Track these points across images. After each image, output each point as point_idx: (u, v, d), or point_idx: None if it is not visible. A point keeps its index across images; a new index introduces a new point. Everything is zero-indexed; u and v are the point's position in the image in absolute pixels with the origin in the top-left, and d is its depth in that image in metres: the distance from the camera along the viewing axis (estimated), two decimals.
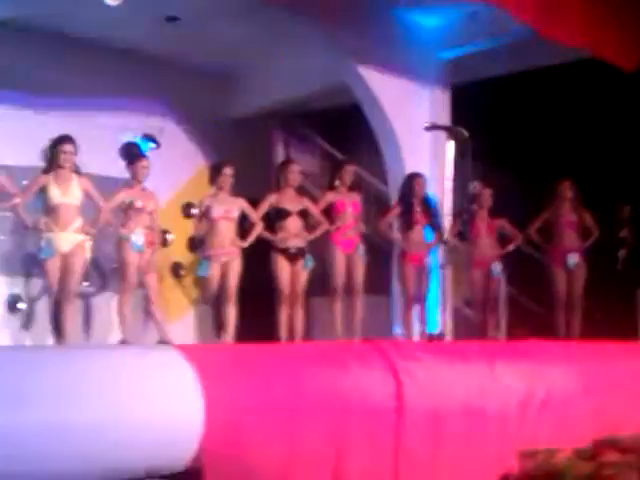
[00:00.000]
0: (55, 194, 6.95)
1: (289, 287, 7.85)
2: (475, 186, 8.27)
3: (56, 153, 7.00)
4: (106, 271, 8.51)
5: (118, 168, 7.71)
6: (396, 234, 8.42)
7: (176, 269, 9.17)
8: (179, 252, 9.21)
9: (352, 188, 8.20)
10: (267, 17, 8.13)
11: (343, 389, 5.87)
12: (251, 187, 8.01)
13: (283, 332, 7.82)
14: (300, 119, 10.14)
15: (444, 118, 9.10)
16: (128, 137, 8.53)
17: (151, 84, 8.82)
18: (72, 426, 5.07)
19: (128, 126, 8.78)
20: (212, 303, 7.88)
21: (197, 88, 9.18)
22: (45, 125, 7.93)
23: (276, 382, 5.75)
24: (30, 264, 7.88)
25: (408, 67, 9.06)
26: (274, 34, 8.57)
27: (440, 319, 7.91)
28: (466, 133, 7.07)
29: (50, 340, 7.07)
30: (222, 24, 8.28)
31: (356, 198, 8.19)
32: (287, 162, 8.50)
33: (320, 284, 8.17)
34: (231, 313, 7.67)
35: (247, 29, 8.46)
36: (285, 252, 7.84)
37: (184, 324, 8.87)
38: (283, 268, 7.82)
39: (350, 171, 8.20)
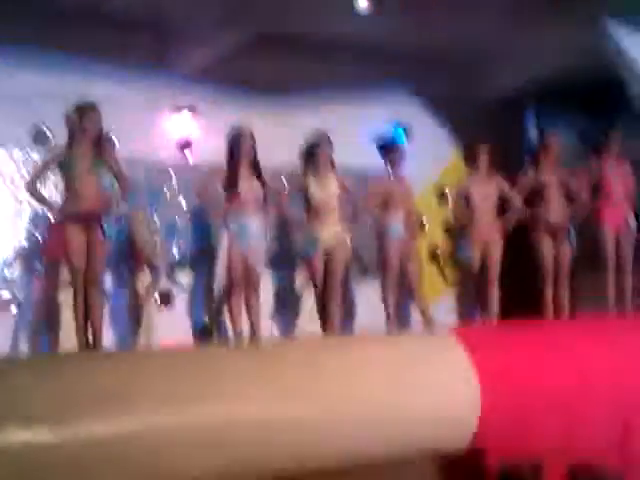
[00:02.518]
0: (315, 190, 7.36)
1: (553, 264, 7.94)
2: None
3: (314, 149, 7.38)
4: (367, 261, 8.89)
5: (373, 159, 8.12)
6: None
7: (434, 254, 9.41)
8: (436, 236, 9.44)
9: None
10: None
11: (622, 364, 5.90)
12: (507, 166, 8.11)
13: (548, 310, 7.91)
14: (555, 96, 10.05)
15: None
16: (382, 128, 8.91)
17: (404, 74, 9.07)
18: (348, 410, 5.43)
19: (381, 117, 9.11)
20: (474, 284, 8.09)
21: (446, 73, 9.36)
22: (300, 122, 8.44)
23: (546, 358, 5.86)
24: (296, 258, 8.46)
25: None
26: (525, 9, 8.59)
27: None
28: None
29: (318, 329, 7.51)
30: (469, 3, 8.41)
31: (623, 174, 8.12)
32: (546, 136, 8.51)
33: (585, 259, 8.15)
34: (494, 295, 7.85)
35: (497, 7, 8.53)
36: (547, 229, 7.92)
37: (443, 304, 9.09)
38: (546, 245, 7.92)
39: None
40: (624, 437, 5.68)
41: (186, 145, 8.42)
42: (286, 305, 8.53)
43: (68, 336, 6.79)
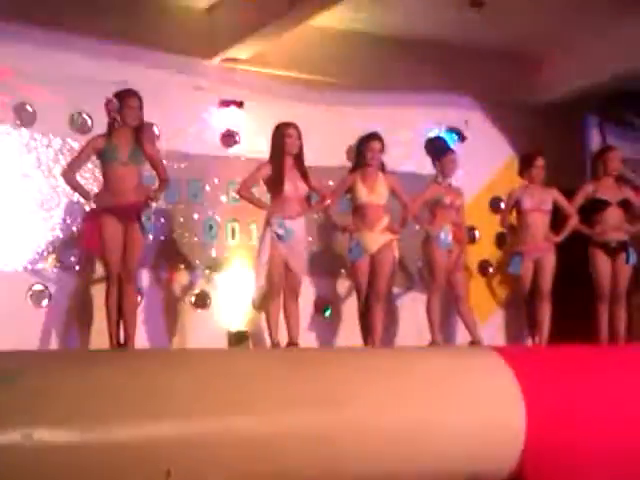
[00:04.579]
0: (362, 193, 7.33)
1: (609, 284, 7.81)
2: None
3: (363, 151, 7.36)
4: (412, 271, 8.83)
5: (423, 164, 8.06)
6: None
7: (484, 267, 9.33)
8: (487, 249, 9.36)
9: None
10: None
11: None
12: (564, 177, 8.03)
13: (603, 333, 7.80)
14: (618, 101, 9.91)
15: None
16: (433, 131, 8.83)
17: (453, 73, 9.01)
18: (387, 427, 5.39)
19: (432, 120, 9.05)
20: (525, 302, 8.01)
21: (501, 74, 9.26)
22: (348, 123, 8.41)
23: (599, 387, 5.78)
24: (338, 265, 8.41)
25: None
26: (587, 10, 8.49)
27: None
28: None
29: (358, 341, 7.46)
30: (528, 3, 8.33)
31: None
32: (606, 149, 8.43)
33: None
34: (545, 312, 7.78)
35: (555, 6, 8.44)
36: (605, 246, 7.82)
37: (492, 325, 9.02)
38: (603, 264, 7.81)
39: None
40: None
41: (230, 139, 8.41)
42: (326, 314, 8.52)
43: (99, 333, 6.83)
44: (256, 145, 7.91)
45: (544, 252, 7.79)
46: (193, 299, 8.05)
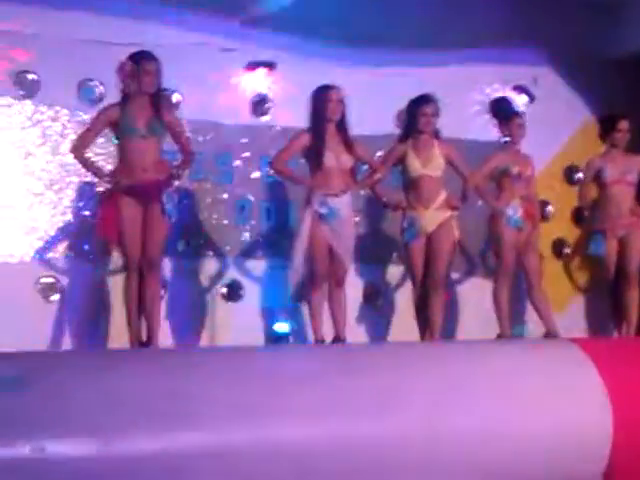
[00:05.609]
0: (415, 165, 7.28)
1: None
2: None
3: (415, 116, 7.32)
4: (475, 253, 8.78)
5: (486, 129, 8.03)
6: None
7: (559, 247, 9.26)
8: (563, 227, 9.28)
9: None
10: None
11: None
12: None
13: None
14: None
15: None
16: (498, 92, 8.78)
17: (520, 24, 8.92)
18: (451, 434, 5.36)
19: (496, 78, 8.97)
20: (609, 288, 7.95)
21: (576, 26, 9.15)
22: (398, 84, 8.34)
23: None
24: (390, 248, 8.37)
25: None
26: None
27: None
28: None
29: (414, 334, 7.46)
30: None
31: None
32: None
33: None
34: (633, 299, 7.76)
35: None
36: None
37: (570, 314, 8.95)
38: None
39: None
40: None
41: (262, 107, 8.39)
42: (377, 304, 8.50)
43: (119, 330, 6.86)
44: (292, 113, 7.89)
45: (630, 229, 7.77)
46: (224, 290, 8.07)
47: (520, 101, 8.86)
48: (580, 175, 8.67)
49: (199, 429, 4.94)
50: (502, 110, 7.83)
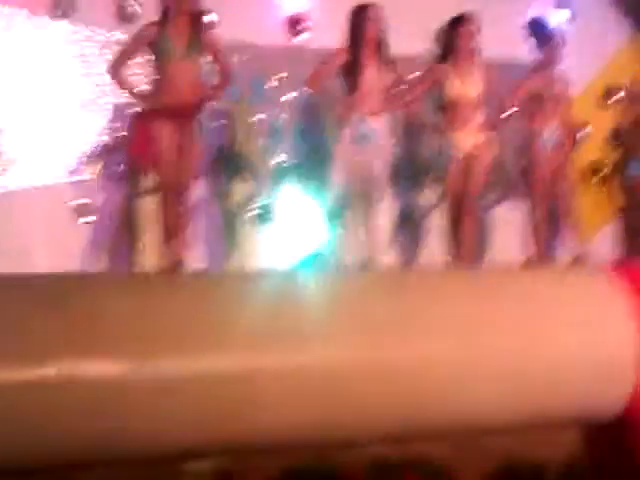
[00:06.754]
0: (453, 86, 7.20)
1: None
2: None
3: (454, 36, 7.23)
4: (510, 175, 8.68)
5: (524, 49, 7.90)
6: None
7: (595, 170, 9.16)
8: (599, 149, 9.17)
9: None
10: None
11: None
12: None
13: None
14: None
15: None
16: (536, 10, 8.60)
17: None
18: (478, 361, 5.30)
19: None
20: None
21: None
22: (437, 2, 8.17)
23: None
24: (425, 170, 8.28)
25: None
26: None
27: None
28: None
29: (447, 257, 7.43)
30: None
31: None
32: None
33: None
34: None
35: None
36: None
37: (604, 238, 8.87)
38: None
39: None
40: None
41: (298, 25, 8.28)
42: (410, 227, 8.44)
43: (150, 252, 6.86)
44: (329, 32, 7.77)
45: None
46: (256, 213, 8.03)
47: (559, 19, 8.69)
48: (620, 96, 8.53)
49: (231, 352, 4.91)
50: (539, 29, 7.74)
